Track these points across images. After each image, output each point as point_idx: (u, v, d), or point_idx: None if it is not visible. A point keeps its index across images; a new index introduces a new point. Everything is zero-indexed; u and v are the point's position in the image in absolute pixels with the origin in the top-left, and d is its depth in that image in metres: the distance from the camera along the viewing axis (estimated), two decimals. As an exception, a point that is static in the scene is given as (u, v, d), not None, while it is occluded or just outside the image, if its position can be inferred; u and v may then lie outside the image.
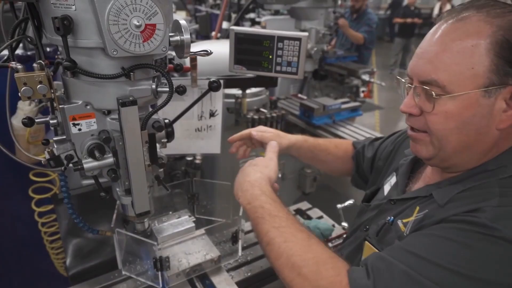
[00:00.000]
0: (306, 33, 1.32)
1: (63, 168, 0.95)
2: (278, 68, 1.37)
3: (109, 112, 0.93)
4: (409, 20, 8.96)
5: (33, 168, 1.10)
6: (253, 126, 2.15)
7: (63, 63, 0.80)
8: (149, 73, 0.91)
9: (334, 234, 1.39)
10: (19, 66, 0.85)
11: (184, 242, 1.18)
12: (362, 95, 4.23)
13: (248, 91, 2.37)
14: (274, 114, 2.19)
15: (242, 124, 2.20)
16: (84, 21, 0.78)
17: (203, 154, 1.73)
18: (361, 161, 1.32)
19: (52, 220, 1.64)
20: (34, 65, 0.87)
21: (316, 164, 1.41)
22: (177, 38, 0.85)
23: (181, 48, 0.87)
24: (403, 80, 0.95)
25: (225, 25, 2.59)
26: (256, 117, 2.14)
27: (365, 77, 3.89)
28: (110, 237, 1.17)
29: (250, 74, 1.41)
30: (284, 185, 2.88)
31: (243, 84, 1.65)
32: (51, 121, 0.93)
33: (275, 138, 1.27)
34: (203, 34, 2.92)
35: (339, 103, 2.73)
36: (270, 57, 1.35)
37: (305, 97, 3.16)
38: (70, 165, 0.94)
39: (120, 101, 0.85)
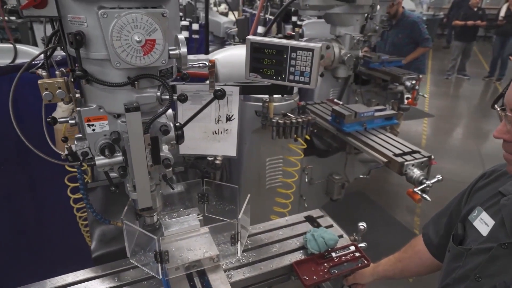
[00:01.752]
0: (319, 45, 1.33)
1: (79, 163, 1.07)
2: (291, 77, 1.40)
3: (119, 115, 1.04)
4: (470, 22, 8.35)
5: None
6: (278, 130, 2.20)
7: (76, 72, 0.91)
8: (153, 82, 1.00)
9: (339, 245, 1.40)
10: (44, 73, 0.99)
11: (188, 238, 1.26)
12: (406, 101, 4.06)
13: (275, 95, 2.42)
14: (300, 120, 2.21)
15: (268, 128, 2.25)
16: (94, 37, 0.88)
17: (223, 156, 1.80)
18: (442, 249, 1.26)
19: (85, 206, 1.82)
20: (57, 72, 1.00)
21: (403, 277, 1.42)
22: (176, 51, 0.93)
23: (179, 60, 0.94)
24: (498, 109, 0.97)
25: (260, 29, 2.65)
26: (281, 121, 2.18)
27: (409, 84, 3.74)
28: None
29: (264, 82, 1.45)
30: (311, 190, 2.89)
31: (259, 91, 1.70)
32: (70, 121, 1.06)
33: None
34: (241, 38, 3.00)
35: (372, 111, 2.67)
36: (284, 65, 1.39)
37: (340, 102, 3.12)
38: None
39: (125, 106, 0.95)
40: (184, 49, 0.92)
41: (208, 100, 1.57)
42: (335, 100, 3.32)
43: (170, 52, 0.92)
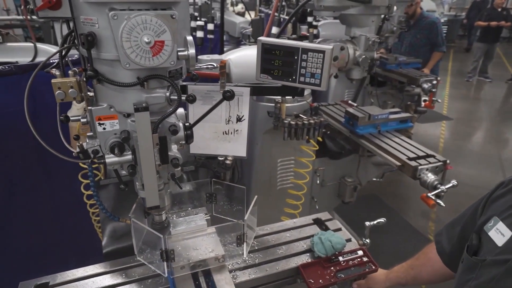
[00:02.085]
0: (330, 46, 1.32)
1: (89, 160, 1.10)
2: (301, 79, 1.39)
3: (129, 115, 1.05)
4: (493, 23, 8.11)
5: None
6: (290, 131, 2.19)
7: (87, 72, 0.93)
8: (163, 82, 1.01)
9: (347, 249, 1.38)
10: (57, 72, 1.01)
11: (195, 238, 1.27)
12: (423, 104, 3.99)
13: (288, 96, 2.41)
14: (312, 121, 2.19)
15: (280, 129, 2.24)
16: (105, 37, 0.90)
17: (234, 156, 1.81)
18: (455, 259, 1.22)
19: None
20: (69, 72, 1.03)
21: (416, 284, 1.40)
22: (185, 53, 0.94)
23: (188, 61, 0.95)
24: None
25: (274, 30, 2.65)
26: (293, 122, 2.17)
27: (426, 86, 3.67)
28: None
29: (275, 83, 1.45)
30: (323, 192, 2.87)
31: (269, 92, 1.70)
32: (82, 120, 1.08)
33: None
34: (256, 38, 3.00)
35: (386, 113, 2.63)
36: (294, 67, 1.38)
37: (354, 104, 3.08)
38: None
39: (134, 106, 0.96)
40: (192, 51, 0.93)
41: (219, 100, 1.58)
42: (350, 101, 3.29)
43: (179, 53, 0.93)
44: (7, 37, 2.46)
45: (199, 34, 2.96)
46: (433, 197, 2.16)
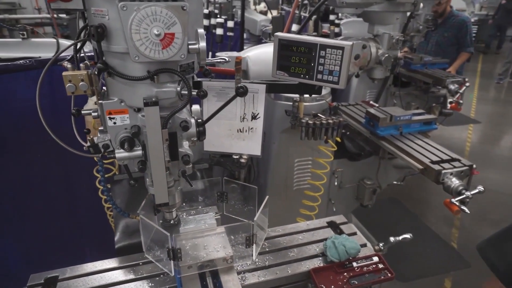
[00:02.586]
0: (350, 42, 1.26)
1: (100, 155, 1.09)
2: (319, 76, 1.34)
3: (139, 109, 1.04)
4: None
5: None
6: (307, 131, 2.13)
7: (97, 64, 0.92)
8: (173, 76, 0.98)
9: (362, 255, 1.32)
10: (69, 65, 1.00)
11: (204, 237, 1.24)
12: (449, 106, 3.83)
13: (306, 95, 2.35)
14: (330, 121, 2.13)
15: (297, 128, 2.19)
16: (115, 29, 0.88)
17: (249, 155, 1.77)
18: None
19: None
20: (81, 65, 1.02)
21: None
22: (196, 46, 0.91)
23: (198, 55, 0.92)
24: None
25: (294, 27, 2.59)
26: (311, 122, 2.11)
27: (453, 87, 3.52)
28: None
29: (292, 80, 1.41)
30: (341, 194, 2.79)
31: (286, 89, 1.66)
32: (93, 114, 1.07)
33: None
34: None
35: (409, 114, 2.52)
36: (312, 64, 1.33)
37: (376, 105, 2.99)
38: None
39: (144, 101, 0.94)
40: (203, 44, 0.90)
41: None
42: (371, 102, 3.19)
43: (190, 46, 0.91)
44: (32, 33, 2.52)
45: (219, 31, 2.94)
46: (457, 203, 2.05)
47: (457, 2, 6.79)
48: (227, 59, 1.05)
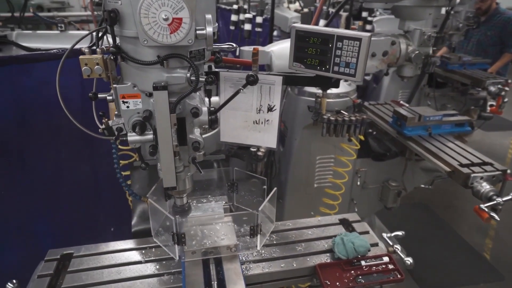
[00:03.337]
0: (368, 34, 1.22)
1: (114, 137, 1.13)
2: (336, 68, 1.31)
3: (151, 94, 1.06)
4: None
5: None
6: (328, 127, 2.09)
7: (110, 48, 0.95)
8: (183, 62, 1.00)
9: (372, 254, 1.28)
10: (86, 50, 1.05)
11: (211, 225, 1.26)
12: (489, 109, 3.61)
13: (329, 91, 2.31)
14: (353, 118, 2.08)
15: (319, 124, 2.16)
16: (127, 14, 0.91)
17: (267, 147, 1.77)
18: None
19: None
20: (98, 49, 1.06)
21: None
22: (203, 31, 0.92)
23: (206, 41, 0.93)
24: None
25: (321, 23, 2.55)
26: (332, 118, 2.07)
27: (493, 89, 3.32)
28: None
29: (308, 73, 1.39)
30: (363, 195, 2.72)
31: (303, 82, 1.63)
32: (108, 97, 1.11)
33: None
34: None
35: (440, 115, 2.41)
36: (329, 55, 1.30)
37: (406, 105, 2.87)
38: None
39: (153, 85, 0.96)
40: (209, 29, 0.91)
41: (250, 88, 1.56)
42: (401, 102, 3.07)
43: (197, 31, 0.92)
44: (69, 26, 2.65)
45: (247, 27, 2.95)
46: (487, 210, 1.94)
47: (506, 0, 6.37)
48: (234, 45, 1.05)
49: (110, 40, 0.98)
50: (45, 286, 1.13)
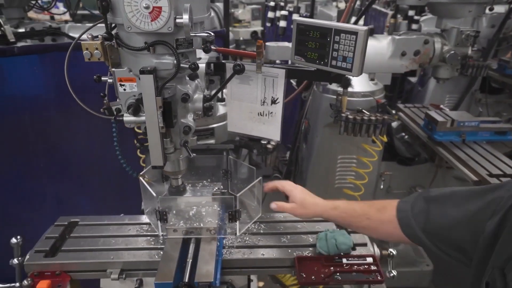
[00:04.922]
0: (365, 27, 1.19)
1: (113, 117, 1.23)
2: (333, 62, 1.29)
3: (141, 78, 1.14)
4: None
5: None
6: (346, 127, 2.05)
7: (103, 34, 1.05)
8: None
9: (356, 253, 1.25)
10: (89, 36, 1.16)
11: (198, 208, 1.31)
12: (549, 120, 3.26)
13: (354, 90, 2.25)
14: (373, 117, 2.01)
15: (338, 122, 2.12)
16: (117, 3, 0.99)
17: (274, 140, 1.79)
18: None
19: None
20: (99, 35, 1.16)
21: (358, 231, 1.26)
22: (181, 20, 0.97)
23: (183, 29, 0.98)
24: None
25: (353, 21, 2.47)
26: (351, 117, 2.02)
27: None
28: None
29: (308, 66, 1.38)
30: (387, 198, 2.60)
31: (305, 76, 1.62)
32: (109, 80, 1.22)
33: (296, 210, 1.25)
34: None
35: (477, 121, 2.23)
36: (327, 49, 1.29)
37: (446, 109, 2.69)
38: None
39: (141, 69, 1.04)
40: (186, 17, 0.96)
41: (255, 80, 1.59)
42: (441, 106, 2.88)
43: (177, 20, 0.97)
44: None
45: (282, 23, 2.95)
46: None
47: None
48: (211, 33, 1.08)
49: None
50: (49, 246, 1.27)
